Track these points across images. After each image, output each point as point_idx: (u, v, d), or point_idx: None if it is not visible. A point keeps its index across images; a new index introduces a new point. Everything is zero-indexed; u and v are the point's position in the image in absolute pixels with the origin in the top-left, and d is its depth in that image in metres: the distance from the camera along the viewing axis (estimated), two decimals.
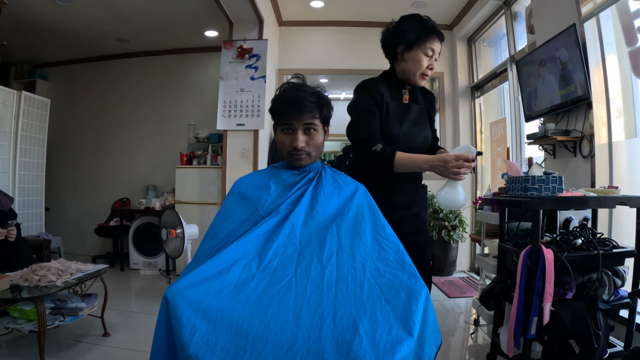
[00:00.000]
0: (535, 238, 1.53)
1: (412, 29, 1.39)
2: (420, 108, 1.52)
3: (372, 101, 1.42)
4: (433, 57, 1.42)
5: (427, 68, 1.42)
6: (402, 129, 1.44)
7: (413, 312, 0.89)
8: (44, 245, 3.08)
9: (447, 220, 3.82)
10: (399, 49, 1.43)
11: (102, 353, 2.15)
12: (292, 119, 1.14)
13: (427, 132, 1.53)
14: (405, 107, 1.48)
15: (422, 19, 1.42)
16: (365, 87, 1.47)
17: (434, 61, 1.42)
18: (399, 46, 1.43)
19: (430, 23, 1.42)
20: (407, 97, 1.50)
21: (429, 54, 1.40)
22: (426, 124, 1.53)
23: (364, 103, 1.43)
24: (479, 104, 4.13)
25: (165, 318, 0.87)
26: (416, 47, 1.39)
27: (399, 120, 1.45)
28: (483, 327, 2.49)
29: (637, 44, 2.12)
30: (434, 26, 1.41)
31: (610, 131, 2.28)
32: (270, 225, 1.06)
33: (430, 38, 1.39)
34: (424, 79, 1.45)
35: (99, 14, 3.82)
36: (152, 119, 4.84)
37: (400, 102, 1.48)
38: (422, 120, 1.52)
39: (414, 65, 1.41)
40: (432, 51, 1.40)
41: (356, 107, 1.45)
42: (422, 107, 1.54)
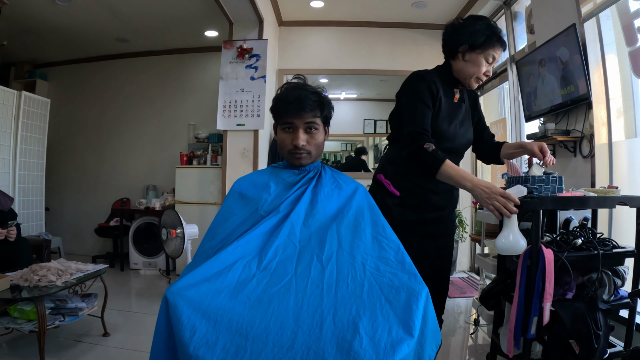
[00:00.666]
0: (535, 238, 1.53)
1: (481, 32, 1.36)
2: (466, 108, 1.51)
3: (429, 93, 1.36)
4: (492, 64, 1.40)
5: (484, 74, 1.40)
6: (450, 128, 1.42)
7: (413, 312, 0.89)
8: (44, 245, 3.08)
9: None
10: (462, 48, 1.39)
11: (102, 353, 2.15)
12: (294, 117, 1.14)
13: (471, 134, 1.52)
14: (456, 106, 1.46)
15: (491, 24, 1.39)
16: (423, 77, 1.40)
17: (491, 68, 1.41)
18: (463, 45, 1.38)
19: (499, 30, 1.39)
20: (457, 96, 1.48)
21: (489, 60, 1.38)
22: (470, 124, 1.53)
23: (420, 94, 1.36)
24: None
25: (165, 318, 0.87)
26: (480, 51, 1.36)
27: (449, 119, 1.42)
28: (483, 327, 2.49)
29: (637, 44, 2.12)
30: (501, 35, 1.39)
31: (610, 131, 2.28)
32: (270, 225, 1.06)
33: (496, 45, 1.37)
34: (478, 82, 1.42)
35: (99, 14, 3.82)
36: (152, 119, 4.84)
37: (452, 100, 1.45)
38: (467, 121, 1.51)
39: (473, 67, 1.38)
40: (493, 58, 1.39)
41: (412, 96, 1.38)
42: (468, 107, 1.53)
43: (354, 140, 5.16)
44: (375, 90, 4.93)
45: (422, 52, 4.29)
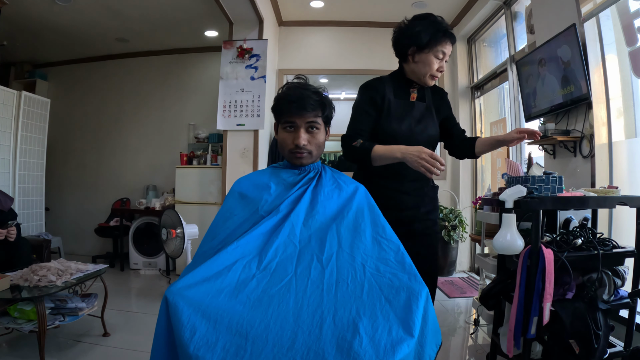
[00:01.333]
0: (535, 238, 1.53)
1: (425, 31, 1.39)
2: (426, 106, 1.52)
3: (369, 101, 1.44)
4: (444, 59, 1.43)
5: (437, 70, 1.43)
6: (402, 126, 1.44)
7: (413, 312, 0.89)
8: (44, 245, 3.08)
9: (447, 220, 3.82)
10: (410, 50, 1.43)
11: (102, 353, 2.15)
12: (295, 116, 1.14)
13: (432, 130, 1.52)
14: (409, 105, 1.48)
15: (436, 21, 1.42)
16: (367, 86, 1.49)
17: (444, 63, 1.44)
18: (410, 47, 1.43)
19: (444, 25, 1.42)
20: (414, 95, 1.51)
21: (439, 57, 1.41)
22: (432, 121, 1.53)
23: (360, 103, 1.46)
24: (479, 104, 4.13)
25: (165, 318, 0.87)
26: (427, 50, 1.40)
27: (400, 118, 1.45)
28: (483, 327, 2.49)
29: (637, 44, 2.12)
30: (446, 28, 1.42)
31: (610, 131, 2.28)
32: (270, 225, 1.06)
33: (443, 41, 1.39)
34: (433, 79, 1.46)
35: (99, 14, 3.82)
36: (152, 119, 4.84)
37: (406, 100, 1.49)
38: (428, 118, 1.51)
39: (424, 67, 1.42)
40: (443, 54, 1.41)
41: (354, 106, 1.49)
42: (430, 105, 1.54)
43: None
44: None
45: None
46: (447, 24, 1.44)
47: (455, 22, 4.17)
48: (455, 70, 4.23)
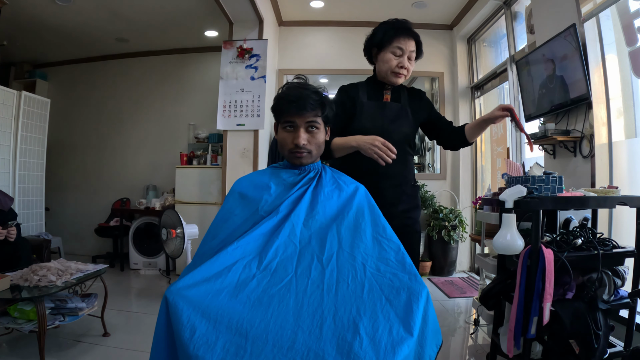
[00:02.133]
0: (535, 238, 1.53)
1: (380, 31, 1.48)
2: (401, 107, 1.57)
3: (340, 103, 1.51)
4: (404, 55, 1.46)
5: (398, 66, 1.46)
6: (374, 125, 1.49)
7: (413, 312, 0.89)
8: (44, 245, 3.08)
9: (447, 220, 3.82)
10: (373, 52, 1.53)
11: (102, 353, 2.15)
12: (295, 116, 1.15)
13: (407, 128, 1.56)
14: (382, 106, 1.54)
15: (393, 21, 1.48)
16: (340, 90, 1.58)
17: (405, 59, 1.47)
18: (373, 49, 1.52)
19: (398, 24, 1.47)
20: (388, 96, 1.57)
21: (397, 53, 1.45)
22: (407, 120, 1.56)
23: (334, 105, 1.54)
24: (479, 104, 4.13)
25: (165, 318, 0.87)
26: (384, 48, 1.47)
27: (372, 118, 1.51)
28: (483, 327, 2.49)
29: (637, 44, 2.12)
30: (400, 26, 1.46)
31: (610, 131, 2.29)
32: (270, 225, 1.06)
33: (396, 37, 1.44)
34: (398, 77, 1.49)
35: (99, 14, 3.82)
36: (152, 119, 4.84)
37: (379, 101, 1.55)
38: (403, 118, 1.55)
39: (384, 65, 1.48)
40: (401, 50, 1.45)
41: None
42: (405, 106, 1.58)
43: None
44: None
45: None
46: (405, 22, 1.48)
47: (455, 22, 4.17)
48: (455, 70, 4.23)
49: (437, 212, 3.89)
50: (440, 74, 4.32)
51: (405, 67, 1.47)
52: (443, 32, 4.32)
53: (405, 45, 1.45)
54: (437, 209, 3.92)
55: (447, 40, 4.32)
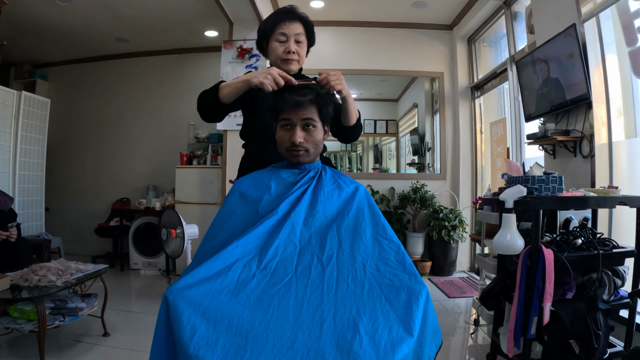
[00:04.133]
0: (535, 238, 1.53)
1: (264, 23, 1.43)
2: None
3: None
4: (289, 40, 1.40)
5: (285, 52, 1.40)
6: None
7: (413, 311, 0.89)
8: (44, 245, 3.09)
9: (447, 220, 3.82)
10: (264, 46, 1.47)
11: (102, 353, 2.15)
12: (291, 114, 1.15)
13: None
14: None
15: (276, 10, 1.44)
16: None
17: (292, 43, 1.40)
18: (263, 43, 1.46)
19: (279, 10, 1.42)
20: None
21: (281, 39, 1.40)
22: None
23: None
24: (479, 104, 4.13)
25: (165, 318, 0.87)
26: (270, 38, 1.42)
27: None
28: (483, 327, 2.49)
29: (637, 44, 2.12)
30: (281, 12, 1.41)
31: (610, 131, 2.29)
32: (270, 225, 1.06)
33: (277, 24, 1.40)
34: (289, 63, 1.42)
35: (99, 14, 3.82)
36: (152, 119, 4.84)
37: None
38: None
39: (272, 54, 1.43)
40: (285, 35, 1.40)
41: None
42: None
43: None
44: (375, 90, 4.94)
45: (422, 52, 4.30)
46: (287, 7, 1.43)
47: (455, 22, 4.17)
48: (455, 71, 4.23)
49: (437, 212, 3.89)
50: (440, 74, 4.32)
51: (293, 51, 1.40)
52: (443, 32, 4.32)
53: (289, 30, 1.40)
54: (437, 209, 3.92)
55: (447, 40, 4.32)
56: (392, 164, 4.99)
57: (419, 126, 4.66)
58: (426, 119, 4.57)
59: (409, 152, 4.77)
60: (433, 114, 4.54)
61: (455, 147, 4.22)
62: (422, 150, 4.64)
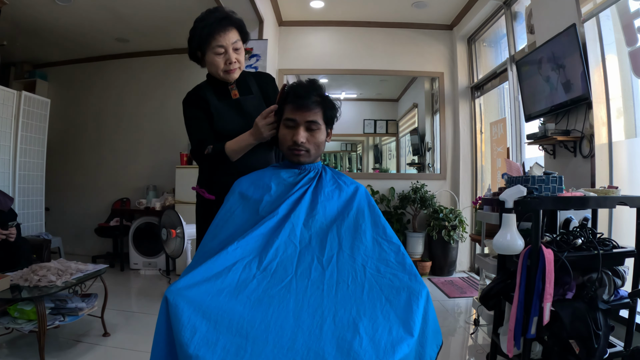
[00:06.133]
0: (535, 238, 1.53)
1: (196, 34, 1.34)
2: (255, 96, 1.46)
3: (198, 110, 1.38)
4: (228, 51, 1.33)
5: (227, 64, 1.34)
6: (236, 124, 1.37)
7: (414, 312, 0.89)
8: (44, 245, 3.08)
9: (447, 220, 3.82)
10: (199, 55, 1.39)
11: (102, 353, 2.15)
12: (296, 114, 1.15)
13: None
14: (235, 103, 1.42)
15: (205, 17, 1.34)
16: (187, 99, 1.43)
17: (231, 53, 1.33)
18: (197, 53, 1.38)
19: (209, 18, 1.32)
20: (236, 92, 1.43)
21: (219, 52, 1.33)
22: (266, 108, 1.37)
23: (189, 115, 1.41)
24: (479, 104, 4.13)
25: (165, 318, 0.87)
26: (206, 51, 1.34)
27: (231, 117, 1.39)
28: (483, 327, 2.49)
29: (637, 44, 2.12)
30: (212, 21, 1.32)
31: (610, 131, 2.29)
32: (270, 226, 1.06)
33: (211, 37, 1.31)
34: (231, 73, 1.36)
35: (99, 14, 3.82)
36: (152, 119, 4.84)
37: (229, 100, 1.42)
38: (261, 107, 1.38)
39: (212, 67, 1.36)
40: (223, 47, 1.32)
41: (185, 118, 1.42)
42: (258, 94, 1.47)
43: (354, 141, 5.16)
44: (375, 90, 4.94)
45: (422, 52, 4.30)
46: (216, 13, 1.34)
47: (456, 22, 4.17)
48: (455, 71, 4.23)
49: (437, 212, 3.89)
50: (440, 74, 4.32)
51: (234, 60, 1.34)
52: (443, 32, 4.32)
53: (225, 40, 1.31)
54: (437, 209, 3.92)
55: (447, 40, 4.32)
56: (392, 164, 4.99)
57: (419, 126, 4.66)
58: (426, 119, 4.57)
59: (409, 152, 4.77)
60: (433, 114, 4.54)
61: (455, 147, 4.22)
62: (422, 150, 4.64)
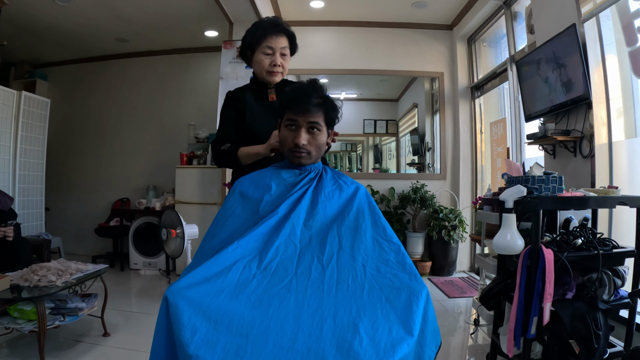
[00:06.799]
0: (535, 238, 1.53)
1: (250, 34, 1.49)
2: None
3: (231, 109, 1.53)
4: (275, 53, 1.48)
5: (271, 65, 1.48)
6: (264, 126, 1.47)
7: (413, 312, 0.89)
8: (44, 245, 3.08)
9: (447, 220, 3.82)
10: (248, 55, 1.53)
11: (102, 353, 2.15)
12: (298, 115, 1.15)
13: None
14: (270, 105, 1.54)
15: (262, 22, 1.50)
16: (227, 97, 1.57)
17: (278, 57, 1.48)
18: (247, 52, 1.53)
19: (266, 22, 1.48)
20: (273, 95, 1.57)
21: (267, 52, 1.47)
22: None
23: (223, 112, 1.55)
24: (479, 104, 4.13)
25: (165, 318, 0.87)
26: (256, 50, 1.48)
27: (263, 119, 1.51)
28: (483, 327, 2.49)
29: (637, 44, 2.12)
30: (268, 24, 1.47)
31: (610, 131, 2.29)
32: (270, 225, 1.06)
33: (264, 37, 1.46)
34: (273, 75, 1.51)
35: (99, 14, 3.82)
36: (152, 119, 4.84)
37: (265, 102, 1.55)
38: None
39: (257, 66, 1.50)
40: (271, 48, 1.47)
41: (220, 113, 1.58)
42: None
43: (354, 141, 5.16)
44: (375, 90, 4.94)
45: (422, 52, 4.30)
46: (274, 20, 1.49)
47: (456, 22, 4.17)
48: (455, 71, 4.23)
49: (437, 212, 3.89)
50: (440, 74, 4.32)
51: (279, 64, 1.49)
52: (443, 32, 4.32)
53: (275, 43, 1.47)
54: (437, 209, 3.92)
55: (447, 40, 4.32)
56: (392, 164, 4.99)
57: (419, 126, 4.66)
58: (426, 119, 4.57)
59: (409, 152, 4.77)
60: (433, 114, 4.54)
61: (455, 147, 4.23)
62: (422, 150, 4.64)
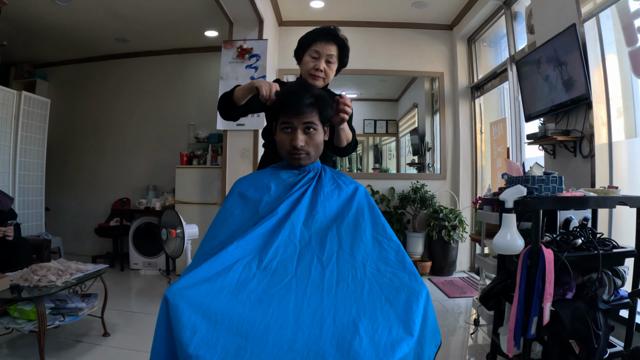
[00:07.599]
0: (535, 238, 1.53)
1: (305, 36, 1.55)
2: None
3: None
4: (320, 58, 1.51)
5: (314, 69, 1.51)
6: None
7: (413, 311, 0.89)
8: (44, 245, 3.08)
9: (447, 220, 3.82)
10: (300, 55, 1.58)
11: (102, 353, 2.15)
12: (292, 117, 1.15)
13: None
14: None
15: (318, 27, 1.56)
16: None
17: (322, 62, 1.52)
18: (299, 52, 1.58)
19: (320, 29, 1.54)
20: None
21: (314, 56, 1.52)
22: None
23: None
24: (479, 104, 4.13)
25: (165, 318, 0.87)
26: (305, 52, 1.54)
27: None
28: (483, 327, 2.49)
29: (637, 44, 2.12)
30: (321, 31, 1.53)
31: (610, 131, 2.29)
32: (270, 225, 1.06)
33: (314, 41, 1.52)
34: (314, 79, 1.53)
35: (99, 14, 3.82)
36: (152, 119, 4.84)
37: None
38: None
39: (303, 66, 1.55)
40: (318, 53, 1.51)
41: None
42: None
43: None
44: (375, 90, 4.94)
45: (422, 52, 4.30)
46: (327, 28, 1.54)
47: (456, 22, 4.17)
48: (455, 70, 4.23)
49: (437, 212, 3.89)
50: (440, 74, 4.32)
51: (321, 69, 1.51)
52: (443, 32, 4.32)
53: (323, 49, 1.51)
54: (437, 209, 3.92)
55: (447, 40, 4.32)
56: (392, 164, 4.99)
57: (419, 126, 4.66)
58: (426, 119, 4.57)
59: (409, 152, 4.77)
60: (433, 114, 4.54)
61: (455, 147, 4.22)
62: (422, 150, 4.64)
